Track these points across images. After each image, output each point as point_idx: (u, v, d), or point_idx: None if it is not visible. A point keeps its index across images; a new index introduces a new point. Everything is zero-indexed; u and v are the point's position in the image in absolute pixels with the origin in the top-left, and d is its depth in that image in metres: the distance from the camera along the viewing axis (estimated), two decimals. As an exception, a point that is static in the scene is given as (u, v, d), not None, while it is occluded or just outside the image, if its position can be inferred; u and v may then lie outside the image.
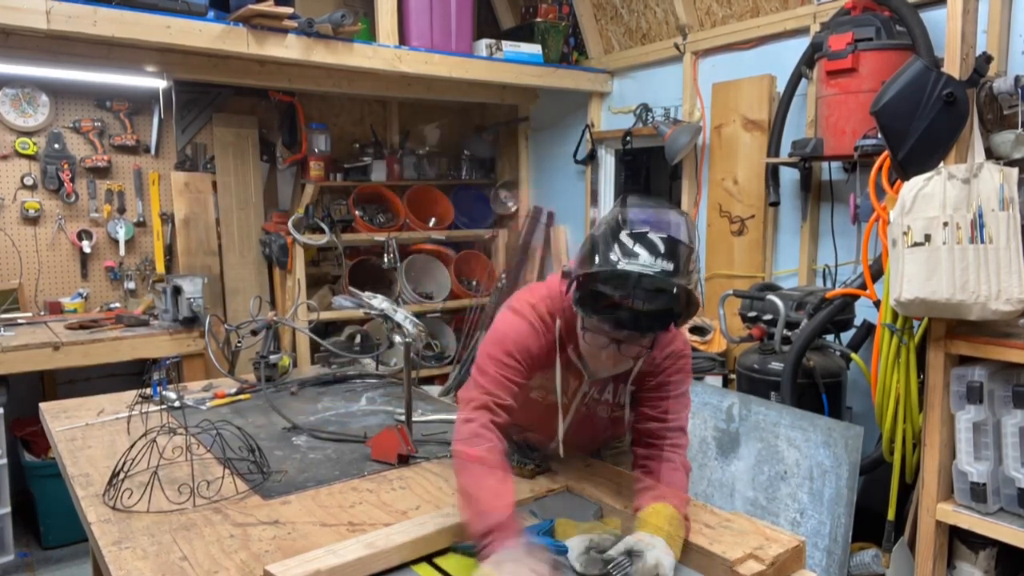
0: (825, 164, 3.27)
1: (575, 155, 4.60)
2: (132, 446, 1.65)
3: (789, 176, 3.43)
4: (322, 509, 1.50)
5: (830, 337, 2.97)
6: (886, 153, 2.28)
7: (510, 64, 4.08)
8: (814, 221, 3.36)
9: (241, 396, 2.33)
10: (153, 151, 4.17)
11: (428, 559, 1.27)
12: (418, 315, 3.76)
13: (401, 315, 1.93)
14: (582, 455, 1.79)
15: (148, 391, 2.25)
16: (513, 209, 5.17)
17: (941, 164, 2.13)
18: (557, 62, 4.31)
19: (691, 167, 3.93)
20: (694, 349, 3.54)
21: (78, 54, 3.25)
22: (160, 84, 3.63)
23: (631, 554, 1.23)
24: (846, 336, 3.03)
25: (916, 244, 2.08)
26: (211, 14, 3.17)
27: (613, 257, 1.35)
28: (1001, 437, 2.13)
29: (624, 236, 1.37)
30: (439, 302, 4.75)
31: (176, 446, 1.78)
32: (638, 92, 4.27)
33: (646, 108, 4.15)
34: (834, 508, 2.48)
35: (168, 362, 2.41)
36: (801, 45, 3.29)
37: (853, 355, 2.85)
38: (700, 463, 2.93)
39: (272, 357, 2.47)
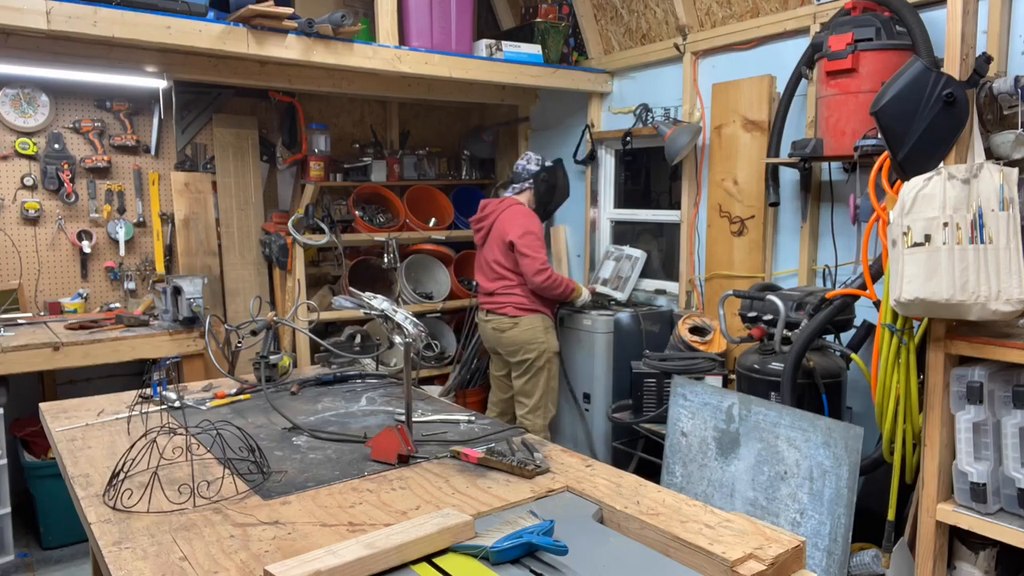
0: (825, 164, 3.27)
1: (575, 155, 4.61)
2: (132, 446, 1.65)
3: (789, 176, 3.43)
4: (322, 509, 1.50)
5: (830, 337, 2.97)
6: (886, 153, 2.28)
7: (510, 64, 4.08)
8: (814, 221, 3.37)
9: (241, 396, 2.33)
10: (153, 151, 4.17)
11: (428, 559, 1.27)
12: (418, 315, 3.76)
13: (401, 315, 1.93)
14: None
15: (148, 391, 2.25)
16: (513, 209, 5.16)
17: (941, 164, 2.13)
18: (557, 62, 4.32)
19: (691, 167, 3.93)
20: (694, 349, 3.55)
21: (78, 54, 3.26)
22: (160, 84, 3.64)
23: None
24: (846, 336, 3.03)
25: (916, 244, 2.08)
26: (211, 14, 3.17)
27: None
28: (1001, 437, 2.13)
29: None
30: (439, 302, 4.75)
31: (176, 446, 1.78)
32: (638, 92, 4.28)
33: (646, 108, 4.16)
34: (834, 508, 2.48)
35: (168, 362, 2.40)
36: (801, 45, 3.29)
37: (853, 355, 2.85)
38: (700, 463, 2.94)
39: (272, 357, 2.47)
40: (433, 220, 4.79)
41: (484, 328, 3.88)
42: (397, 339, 1.91)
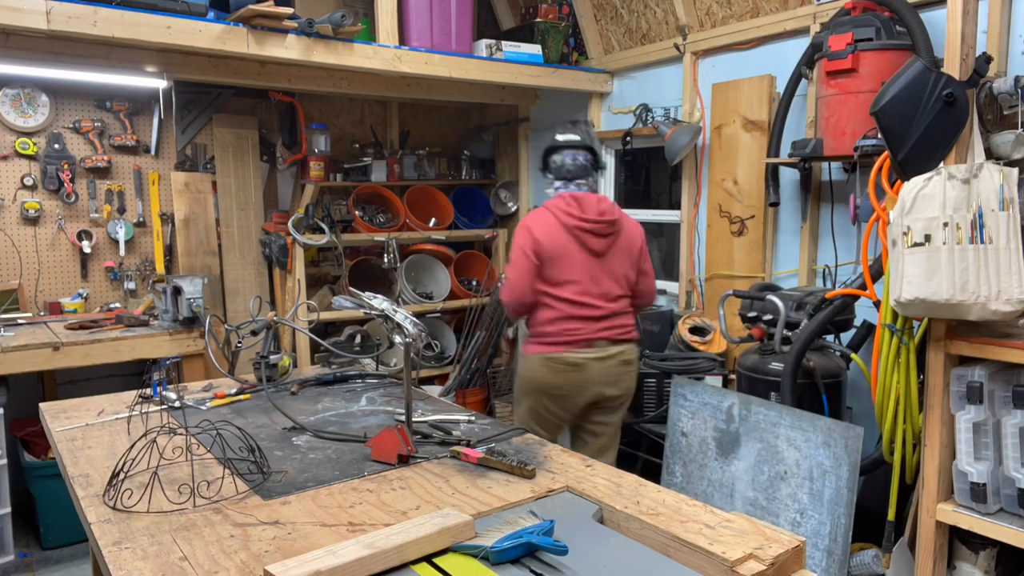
0: (825, 164, 3.27)
1: (575, 155, 4.60)
2: (132, 446, 1.65)
3: (789, 176, 3.43)
4: (322, 509, 1.50)
5: (830, 337, 2.97)
6: (886, 154, 2.28)
7: (510, 64, 4.08)
8: (814, 221, 3.37)
9: (241, 396, 2.33)
10: (153, 151, 4.17)
11: (428, 559, 1.27)
12: (418, 315, 3.76)
13: (401, 315, 1.93)
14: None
15: (148, 391, 2.25)
16: (513, 209, 5.17)
17: (941, 164, 2.13)
18: (557, 62, 4.32)
19: (691, 167, 3.93)
20: (694, 349, 3.55)
21: (78, 54, 3.26)
22: (160, 84, 3.64)
23: None
24: (846, 336, 3.03)
25: (916, 244, 2.08)
26: (211, 14, 3.17)
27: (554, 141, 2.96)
28: (1001, 437, 2.13)
29: (557, 135, 2.97)
30: (439, 302, 4.75)
31: (176, 446, 1.78)
32: (638, 92, 4.28)
33: (646, 108, 4.16)
34: (834, 508, 2.48)
35: (168, 362, 2.40)
36: (801, 45, 3.29)
37: (853, 355, 2.85)
38: (700, 463, 2.94)
39: (272, 357, 2.47)
40: (433, 220, 4.80)
41: (603, 368, 2.81)
42: (397, 339, 1.91)
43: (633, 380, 2.93)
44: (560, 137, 2.94)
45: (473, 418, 2.10)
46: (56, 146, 3.88)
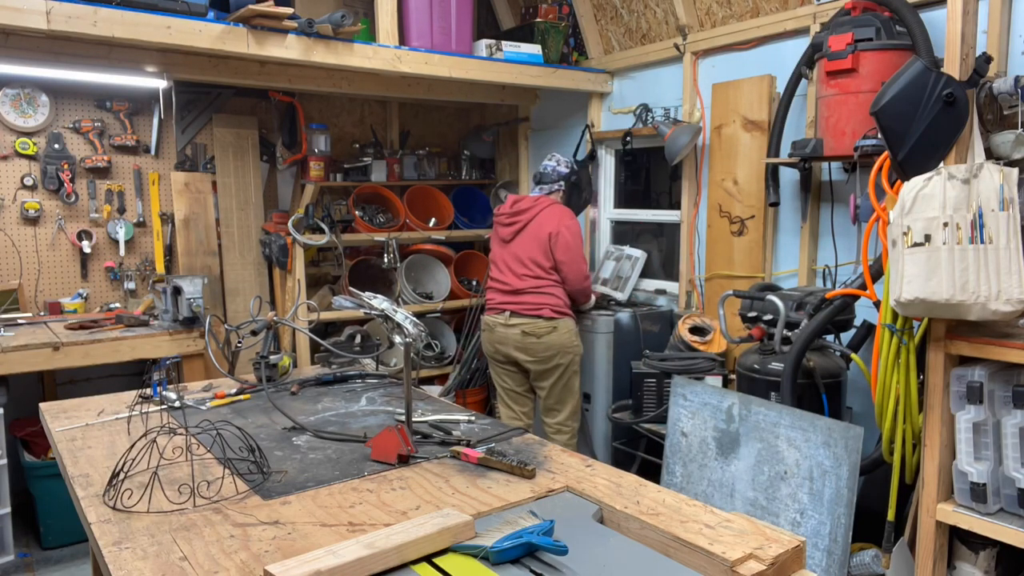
0: (825, 164, 3.27)
1: (575, 155, 4.60)
2: (132, 446, 1.65)
3: (789, 176, 3.43)
4: (322, 509, 1.50)
5: (830, 337, 2.97)
6: (886, 154, 2.28)
7: (510, 64, 4.08)
8: (814, 221, 3.37)
9: (241, 396, 2.33)
10: (153, 151, 4.17)
11: (428, 559, 1.27)
12: (418, 315, 3.75)
13: (401, 315, 1.93)
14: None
15: (148, 391, 2.25)
16: (513, 209, 5.18)
17: (941, 164, 2.13)
18: (557, 62, 4.32)
19: (691, 167, 3.93)
20: (694, 349, 3.55)
21: (78, 54, 3.26)
22: (160, 84, 3.64)
23: None
24: (846, 336, 3.03)
25: (916, 244, 2.08)
26: (211, 14, 3.17)
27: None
28: (1001, 437, 2.13)
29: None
30: (439, 302, 4.75)
31: (176, 446, 1.78)
32: (638, 92, 4.28)
33: (646, 108, 4.16)
34: (834, 508, 2.48)
35: (168, 362, 2.41)
36: (801, 45, 3.29)
37: (853, 355, 2.85)
38: (700, 463, 2.94)
39: (272, 357, 2.47)
40: (433, 220, 4.80)
41: (506, 333, 3.52)
42: (397, 339, 1.91)
43: (549, 350, 3.47)
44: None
45: (473, 418, 2.10)
46: (56, 146, 3.88)
